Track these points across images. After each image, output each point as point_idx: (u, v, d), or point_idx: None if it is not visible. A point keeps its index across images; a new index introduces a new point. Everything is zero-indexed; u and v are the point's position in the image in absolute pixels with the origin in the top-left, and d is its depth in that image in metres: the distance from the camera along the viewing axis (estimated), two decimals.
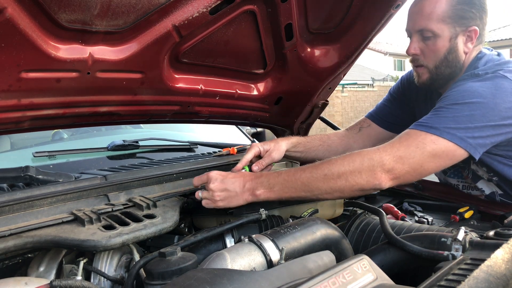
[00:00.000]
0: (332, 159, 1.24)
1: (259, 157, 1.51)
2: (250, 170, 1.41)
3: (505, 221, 1.23)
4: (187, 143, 1.92)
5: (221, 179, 1.24)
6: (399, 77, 1.89)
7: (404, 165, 1.20)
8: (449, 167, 1.64)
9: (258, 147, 1.50)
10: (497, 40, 20.40)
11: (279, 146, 1.54)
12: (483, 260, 0.78)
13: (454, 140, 1.22)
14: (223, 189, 1.23)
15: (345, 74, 1.80)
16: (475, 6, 1.40)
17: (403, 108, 1.74)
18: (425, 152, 1.21)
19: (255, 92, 1.73)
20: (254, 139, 2.55)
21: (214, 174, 1.25)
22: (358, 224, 1.27)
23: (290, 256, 0.95)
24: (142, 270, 0.93)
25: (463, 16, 1.40)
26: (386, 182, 1.20)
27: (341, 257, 1.02)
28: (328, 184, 1.20)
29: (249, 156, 1.45)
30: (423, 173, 1.25)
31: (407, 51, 1.52)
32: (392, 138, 1.30)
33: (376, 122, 1.78)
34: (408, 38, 1.52)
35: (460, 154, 1.24)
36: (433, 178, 1.80)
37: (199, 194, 1.26)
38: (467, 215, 1.49)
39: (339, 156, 1.25)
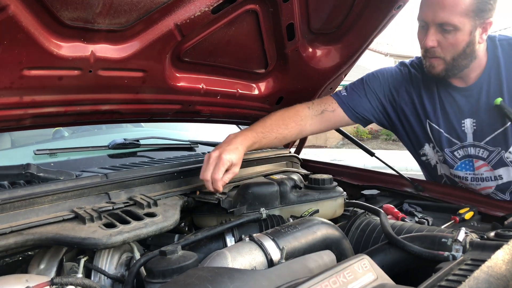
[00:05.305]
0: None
1: None
2: None
3: (506, 222, 1.22)
4: (188, 142, 1.92)
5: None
6: None
7: None
8: (459, 158, 1.63)
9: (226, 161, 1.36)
10: None
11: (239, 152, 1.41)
12: (483, 261, 0.78)
13: None
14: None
15: (346, 74, 1.80)
16: None
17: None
18: None
19: (256, 92, 1.74)
20: None
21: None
22: (359, 224, 1.27)
23: (291, 255, 0.95)
24: (142, 269, 0.93)
25: (483, 9, 1.38)
26: None
27: (341, 257, 1.02)
28: None
29: (226, 178, 1.34)
30: None
31: (425, 44, 1.45)
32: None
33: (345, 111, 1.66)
34: (422, 29, 1.46)
35: None
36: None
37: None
38: (467, 216, 1.49)
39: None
